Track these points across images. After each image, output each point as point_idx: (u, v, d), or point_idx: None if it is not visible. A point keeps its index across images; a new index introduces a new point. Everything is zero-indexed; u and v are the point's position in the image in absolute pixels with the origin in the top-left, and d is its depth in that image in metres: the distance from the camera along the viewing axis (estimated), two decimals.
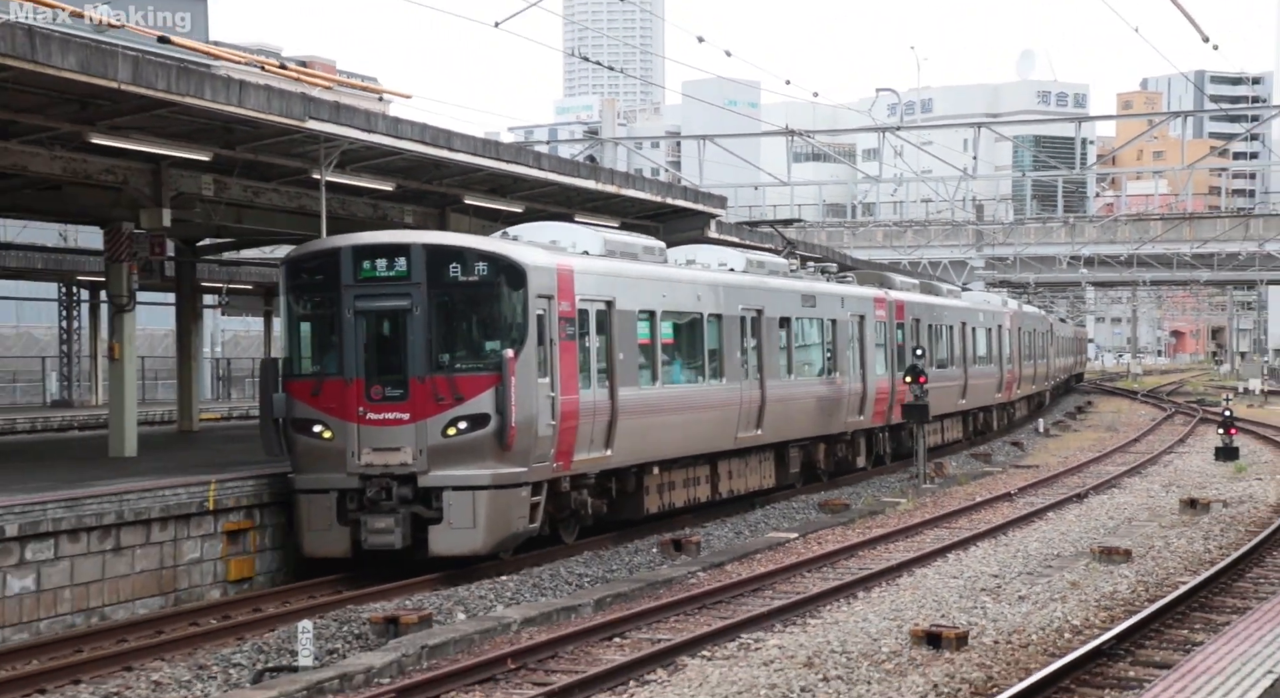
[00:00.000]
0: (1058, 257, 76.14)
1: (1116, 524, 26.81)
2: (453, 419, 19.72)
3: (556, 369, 20.69)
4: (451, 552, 19.89)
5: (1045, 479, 35.63)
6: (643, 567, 22.31)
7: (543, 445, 20.47)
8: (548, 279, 20.67)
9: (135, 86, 18.33)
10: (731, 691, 14.17)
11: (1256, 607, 15.36)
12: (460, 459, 19.81)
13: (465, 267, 20.06)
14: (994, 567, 21.83)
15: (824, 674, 14.88)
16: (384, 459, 19.75)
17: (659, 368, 24.48)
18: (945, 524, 27.37)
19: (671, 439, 24.98)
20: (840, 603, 19.32)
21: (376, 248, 20.30)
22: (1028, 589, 19.91)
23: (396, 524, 19.60)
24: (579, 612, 18.78)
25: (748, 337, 28.03)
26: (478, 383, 19.83)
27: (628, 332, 23.23)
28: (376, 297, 20.16)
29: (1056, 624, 17.49)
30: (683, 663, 15.75)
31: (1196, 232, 76.60)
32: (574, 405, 21.20)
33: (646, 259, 25.62)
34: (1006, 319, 50.30)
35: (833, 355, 32.76)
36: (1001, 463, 41.10)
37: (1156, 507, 29.48)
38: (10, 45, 16.61)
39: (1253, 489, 32.73)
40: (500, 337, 20.18)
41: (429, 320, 19.90)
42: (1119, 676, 15.04)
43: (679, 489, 25.96)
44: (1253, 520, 27.15)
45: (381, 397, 19.83)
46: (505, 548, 20.65)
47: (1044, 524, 27.19)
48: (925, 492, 32.98)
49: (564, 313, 20.94)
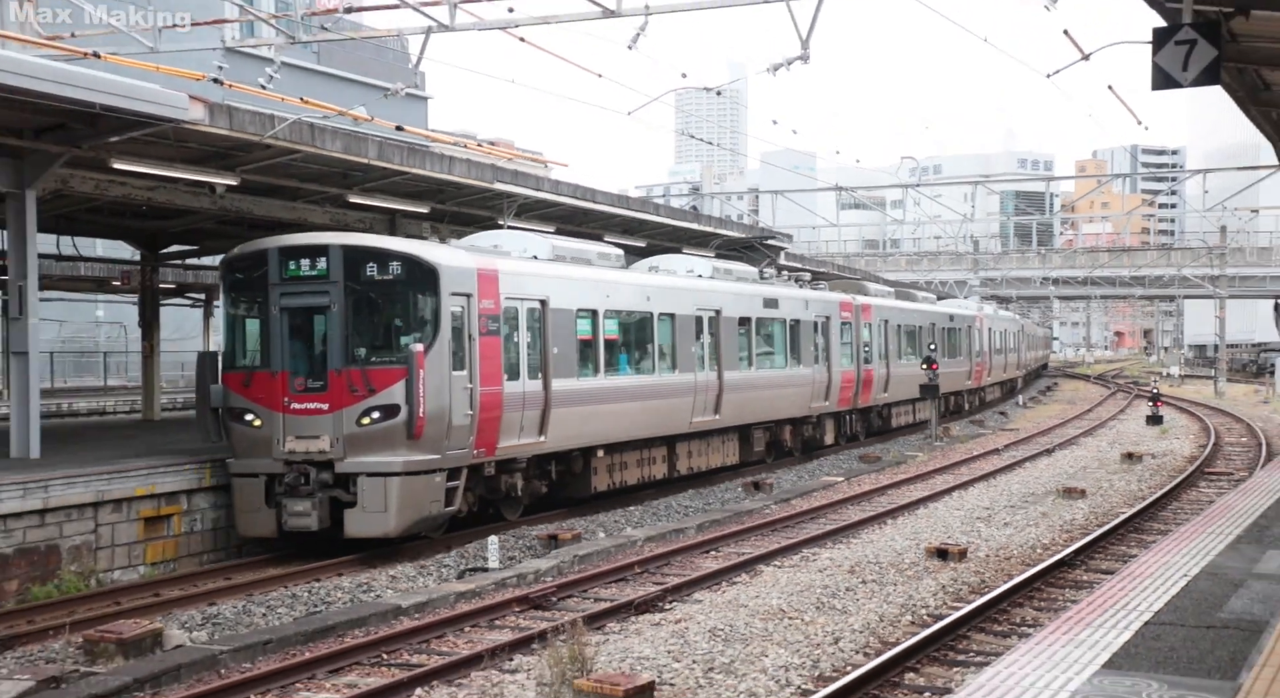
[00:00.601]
0: (1033, 278, 76.04)
1: (1075, 471, 26.28)
2: (366, 409, 16.09)
3: (475, 363, 16.90)
4: (365, 534, 16.22)
5: (1023, 439, 34.97)
6: (731, 501, 22.14)
7: (458, 434, 16.61)
8: (465, 279, 16.91)
9: (380, 162, 18.53)
10: (796, 589, 14.04)
11: (1175, 530, 15.10)
12: (373, 447, 16.10)
13: (381, 266, 16.44)
14: (986, 502, 21.48)
15: (862, 578, 14.73)
16: (305, 446, 16.23)
17: (601, 361, 20.29)
18: (951, 471, 26.92)
19: (618, 425, 20.80)
20: (874, 528, 19.07)
21: (300, 249, 16.73)
22: (1011, 518, 19.57)
23: (313, 508, 16.05)
24: (685, 533, 18.66)
25: (704, 333, 23.70)
26: (389, 376, 16.17)
27: (564, 328, 19.20)
28: (299, 295, 16.60)
29: (1031, 543, 17.24)
30: (759, 570, 15.62)
31: (1133, 260, 76.65)
32: (496, 397, 17.32)
33: (601, 264, 21.60)
34: (977, 320, 47.09)
35: (796, 350, 28.06)
36: (992, 427, 40.41)
37: (1104, 458, 28.91)
38: (299, 135, 16.98)
39: (1173, 446, 32.14)
40: (412, 332, 16.54)
41: (345, 317, 16.35)
42: (1076, 579, 14.87)
43: (632, 469, 21.82)
44: (1173, 468, 26.63)
45: (304, 388, 16.38)
46: (419, 530, 16.81)
47: (1022, 471, 26.69)
48: (936, 448, 32.51)
49: (486, 310, 17.23)
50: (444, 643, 12.21)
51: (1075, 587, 14.38)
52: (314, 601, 13.65)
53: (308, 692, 10.58)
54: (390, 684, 10.40)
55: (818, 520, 20.02)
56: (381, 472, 15.98)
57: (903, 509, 20.71)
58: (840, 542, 17.73)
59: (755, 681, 10.35)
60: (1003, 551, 16.59)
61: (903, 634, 11.99)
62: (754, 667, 10.77)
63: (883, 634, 12.03)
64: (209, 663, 11.06)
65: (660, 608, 13.45)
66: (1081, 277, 75.78)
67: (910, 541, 17.32)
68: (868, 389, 32.52)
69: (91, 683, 10.31)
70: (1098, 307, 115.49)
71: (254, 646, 11.55)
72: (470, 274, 17.02)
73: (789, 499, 22.37)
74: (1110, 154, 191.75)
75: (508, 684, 10.37)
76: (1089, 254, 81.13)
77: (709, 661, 10.96)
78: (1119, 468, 26.74)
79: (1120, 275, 75.31)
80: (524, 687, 10.27)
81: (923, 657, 11.13)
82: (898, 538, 17.67)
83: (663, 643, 11.59)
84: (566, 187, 23.91)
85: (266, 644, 11.66)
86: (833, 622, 12.45)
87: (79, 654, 11.16)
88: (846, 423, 32.18)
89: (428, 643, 12.14)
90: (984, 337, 47.40)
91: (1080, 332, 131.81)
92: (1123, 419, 42.95)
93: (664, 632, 12.12)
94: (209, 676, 10.90)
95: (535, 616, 13.32)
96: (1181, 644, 8.76)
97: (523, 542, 17.26)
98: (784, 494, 22.86)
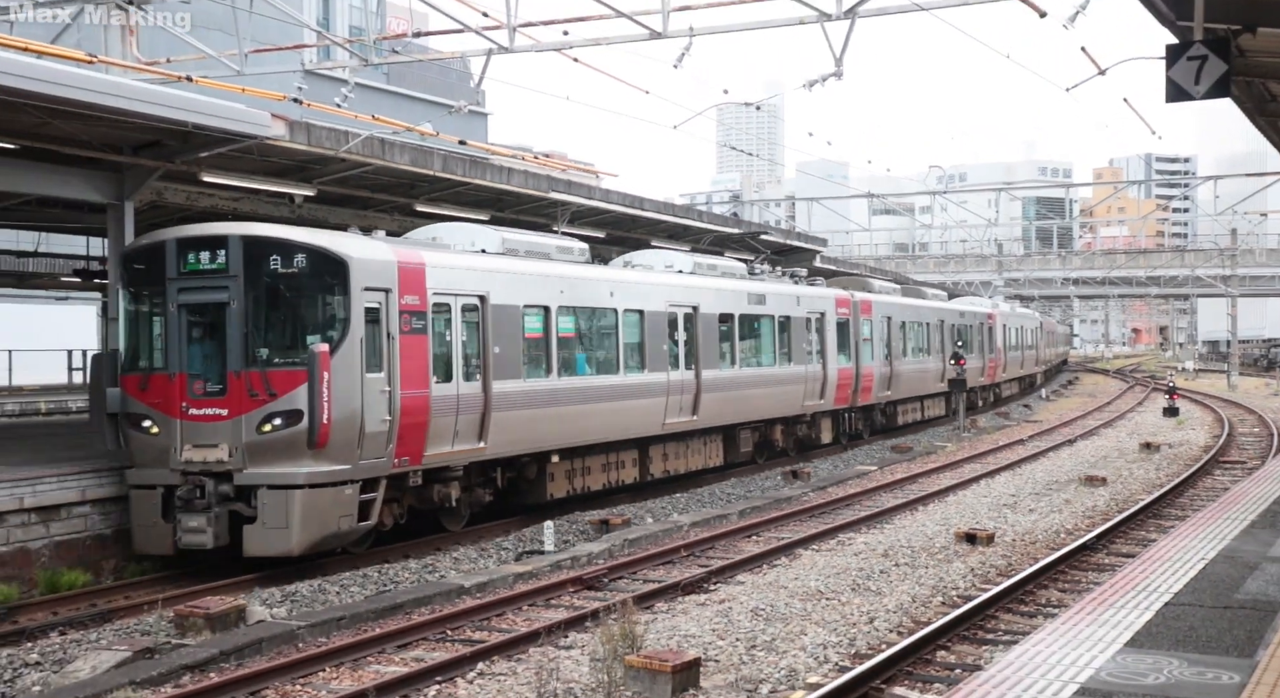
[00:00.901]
0: (1054, 278, 75.29)
1: (1096, 460, 25.87)
2: (267, 415, 13.62)
3: (395, 364, 14.34)
4: (265, 552, 13.63)
5: (1046, 430, 34.48)
6: (771, 489, 21.97)
7: (373, 441, 14.08)
8: (381, 272, 14.35)
9: (444, 173, 18.55)
10: (832, 571, 13.89)
11: (1192, 515, 14.85)
12: (276, 457, 13.60)
13: (284, 259, 13.91)
14: (1012, 489, 21.18)
15: (895, 561, 14.55)
16: (203, 456, 13.74)
17: (554, 361, 17.64)
18: (978, 460, 26.58)
19: (575, 428, 18.19)
20: (906, 514, 18.85)
21: (198, 241, 14.25)
22: (1036, 504, 19.28)
23: (209, 523, 13.57)
24: (728, 518, 18.53)
25: (679, 330, 21.07)
26: (292, 378, 13.60)
27: (509, 326, 16.60)
28: (198, 290, 14.17)
29: (1055, 528, 16.96)
30: (798, 553, 15.47)
31: (1149, 261, 75.73)
32: (421, 400, 14.75)
33: (561, 258, 18.98)
34: (990, 317, 43.49)
35: (786, 347, 25.17)
36: (1016, 419, 39.88)
37: (1123, 448, 28.44)
38: (371, 150, 17.03)
39: (1188, 436, 31.55)
40: (318, 331, 14.02)
41: (245, 314, 13.87)
42: (1098, 562, 14.57)
43: (596, 474, 19.30)
44: (1189, 457, 26.12)
45: (202, 392, 13.92)
46: (329, 547, 14.26)
47: (1046, 460, 26.29)
48: (964, 438, 32.13)
49: (410, 307, 14.66)
50: (504, 621, 12.17)
51: (1098, 570, 14.12)
52: (383, 580, 13.66)
53: (378, 665, 10.57)
54: (454, 659, 10.36)
55: (853, 507, 19.81)
56: (283, 484, 13.53)
57: (933, 496, 20.45)
58: (874, 527, 17.53)
59: (795, 658, 10.23)
60: (1028, 535, 16.33)
61: (934, 614, 11.81)
62: (794, 644, 10.65)
63: (915, 614, 11.85)
64: (288, 637, 11.09)
65: (705, 589, 13.34)
66: (1100, 277, 75.07)
67: (940, 526, 17.10)
68: (868, 387, 29.74)
69: (182, 654, 10.37)
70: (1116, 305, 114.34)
71: (329, 621, 11.58)
72: (388, 267, 14.52)
73: (825, 487, 22.17)
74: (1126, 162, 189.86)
75: (563, 660, 10.31)
76: (1107, 256, 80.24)
77: (751, 639, 10.85)
78: (1138, 457, 26.30)
79: (1137, 276, 74.56)
80: (578, 662, 10.21)
81: (954, 635, 10.95)
82: (928, 523, 17.45)
83: (708, 622, 11.49)
84: (616, 195, 23.88)
85: (340, 620, 11.68)
86: (868, 602, 12.29)
87: (170, 628, 11.23)
88: (845, 422, 29.36)
89: (488, 621, 12.10)
90: (999, 333, 44.96)
91: (1099, 329, 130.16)
92: (1141, 411, 42.29)
93: (709, 611, 12.02)
94: (288, 649, 10.92)
95: (588, 596, 13.26)
96: (1200, 624, 8.57)
97: (576, 526, 17.20)
98: (821, 482, 22.66)
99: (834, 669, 9.92)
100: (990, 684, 7.22)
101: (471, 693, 9.63)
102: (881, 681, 9.53)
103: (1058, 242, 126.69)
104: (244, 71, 20.19)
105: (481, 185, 19.65)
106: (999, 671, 7.51)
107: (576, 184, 22.89)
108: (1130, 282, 76.10)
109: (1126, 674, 7.31)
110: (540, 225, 23.14)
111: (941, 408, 37.73)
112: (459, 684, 9.86)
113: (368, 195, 19.61)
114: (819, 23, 17.19)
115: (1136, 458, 26.12)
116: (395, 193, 19.87)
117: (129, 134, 14.60)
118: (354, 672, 10.36)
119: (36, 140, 14.11)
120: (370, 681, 9.81)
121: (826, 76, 18.21)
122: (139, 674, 9.77)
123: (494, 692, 9.58)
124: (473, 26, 18.90)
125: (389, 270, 14.55)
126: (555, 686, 9.28)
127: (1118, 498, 19.92)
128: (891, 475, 23.84)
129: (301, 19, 22.51)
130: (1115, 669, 7.41)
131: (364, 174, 18.12)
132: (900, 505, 19.32)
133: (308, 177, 17.97)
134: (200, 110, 13.95)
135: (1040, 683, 7.19)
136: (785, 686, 9.49)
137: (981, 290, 62.43)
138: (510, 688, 9.62)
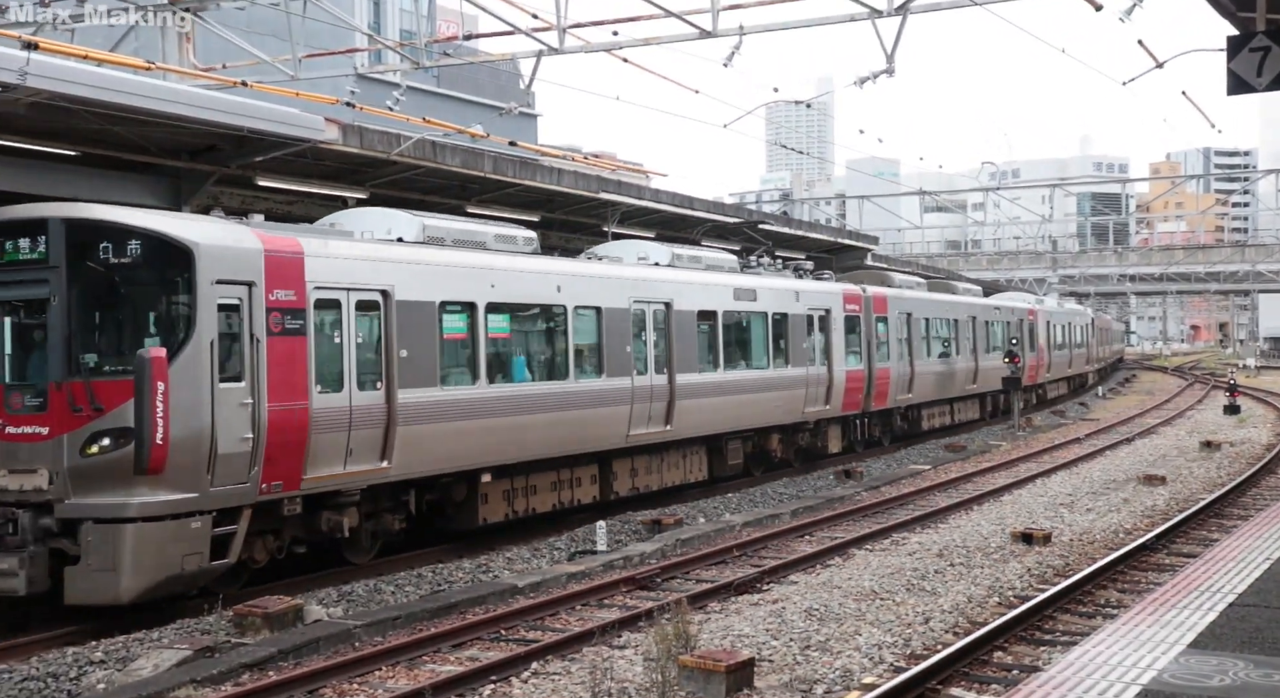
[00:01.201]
0: (1110, 275, 74.32)
1: (1155, 459, 25.49)
2: (93, 434, 11.20)
3: (262, 371, 11.98)
4: (89, 600, 11.24)
5: (1104, 428, 34.02)
6: (823, 488, 21.85)
7: (231, 464, 11.70)
8: (241, 262, 11.94)
9: (495, 175, 18.69)
10: (886, 571, 13.79)
11: (1255, 515, 14.59)
12: (103, 484, 11.19)
13: (116, 247, 11.53)
14: (1069, 488, 20.92)
15: (950, 561, 14.42)
16: (20, 483, 11.33)
17: (482, 365, 15.19)
18: (1034, 459, 26.26)
19: (511, 442, 15.67)
20: (960, 514, 18.67)
21: (14, 225, 11.82)
22: (1093, 504, 19.03)
23: (21, 565, 11.06)
24: (780, 518, 18.44)
25: (647, 330, 18.65)
26: (123, 390, 11.14)
27: (419, 325, 14.13)
28: (15, 285, 11.85)
29: (1113, 528, 16.72)
30: (852, 553, 15.37)
31: (1208, 257, 74.52)
32: (296, 414, 12.33)
33: (500, 248, 16.39)
34: (1032, 315, 40.83)
35: (781, 348, 22.68)
36: (1072, 417, 39.38)
37: (1183, 446, 27.99)
38: (423, 152, 17.20)
39: (1250, 434, 30.98)
40: (159, 332, 11.83)
41: (68, 313, 11.54)
42: (1159, 563, 14.34)
43: (544, 493, 16.79)
44: (1251, 456, 25.64)
45: (21, 406, 11.50)
46: (170, 591, 11.71)
47: (1103, 459, 25.94)
48: (1019, 437, 31.75)
49: (282, 303, 12.27)
50: (557, 620, 12.20)
51: (1158, 570, 13.90)
52: (437, 580, 13.74)
53: (433, 664, 10.64)
54: (509, 658, 10.40)
55: (906, 507, 19.65)
56: (112, 517, 11.16)
57: (988, 496, 20.24)
58: (928, 527, 17.38)
59: (850, 658, 10.17)
60: (1086, 535, 16.12)
61: (990, 615, 11.69)
62: (848, 645, 10.59)
63: (971, 615, 11.74)
64: (344, 636, 11.19)
65: (758, 589, 13.30)
66: (1157, 273, 73.98)
67: (996, 525, 16.92)
68: (883, 390, 27.15)
69: (241, 653, 10.50)
70: (1173, 302, 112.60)
71: (384, 621, 11.66)
72: (252, 256, 12.17)
73: (878, 486, 22.01)
74: (1184, 156, 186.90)
75: (617, 659, 10.31)
76: (1165, 252, 78.96)
77: (805, 639, 10.79)
78: (1198, 456, 25.87)
79: (1195, 271, 73.37)
80: (632, 662, 10.21)
81: (1010, 636, 10.84)
82: (983, 523, 17.27)
83: (761, 622, 11.46)
84: (666, 195, 23.92)
85: (396, 620, 11.76)
86: (923, 603, 12.19)
87: (229, 627, 11.37)
88: (856, 429, 26.66)
89: (542, 620, 12.14)
90: (1041, 331, 42.10)
91: (1156, 326, 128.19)
92: (1200, 409, 41.60)
93: (762, 611, 11.98)
94: (345, 648, 11.02)
95: (641, 595, 13.25)
96: (1266, 625, 8.41)
97: (628, 526, 17.20)
98: (873, 482, 22.50)
99: (889, 670, 9.84)
100: (1051, 685, 7.14)
101: (526, 693, 9.67)
102: (938, 681, 9.46)
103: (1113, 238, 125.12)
104: (297, 76, 20.41)
105: (532, 186, 19.76)
106: (1059, 671, 7.42)
107: (626, 184, 22.96)
108: (1189, 278, 74.93)
109: (1191, 676, 7.20)
110: (589, 226, 23.19)
111: (976, 411, 35.62)
112: (514, 684, 9.90)
113: (419, 198, 19.77)
114: (870, 19, 17.09)
115: (1197, 457, 25.70)
116: (447, 194, 20.01)
117: (186, 139, 14.82)
118: (410, 671, 10.44)
119: (96, 146, 14.36)
120: (426, 680, 9.88)
121: (878, 73, 18.09)
122: (200, 673, 9.90)
123: (548, 691, 9.61)
124: (523, 28, 18.99)
125: (251, 260, 12.16)
126: (609, 685, 9.28)
127: (1178, 497, 19.61)
128: (945, 475, 23.61)
129: (353, 23, 22.71)
130: (1179, 671, 7.30)
131: (415, 176, 18.28)
132: (954, 505, 19.13)
133: (360, 179, 18.14)
134: (255, 115, 14.13)
135: (1101, 684, 7.10)
136: (840, 686, 9.44)
137: (1036, 288, 61.70)
138: (565, 688, 9.65)
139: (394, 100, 20.45)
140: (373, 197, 18.65)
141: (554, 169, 20.81)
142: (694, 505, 19.21)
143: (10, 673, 10.12)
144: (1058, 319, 46.54)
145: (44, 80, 11.74)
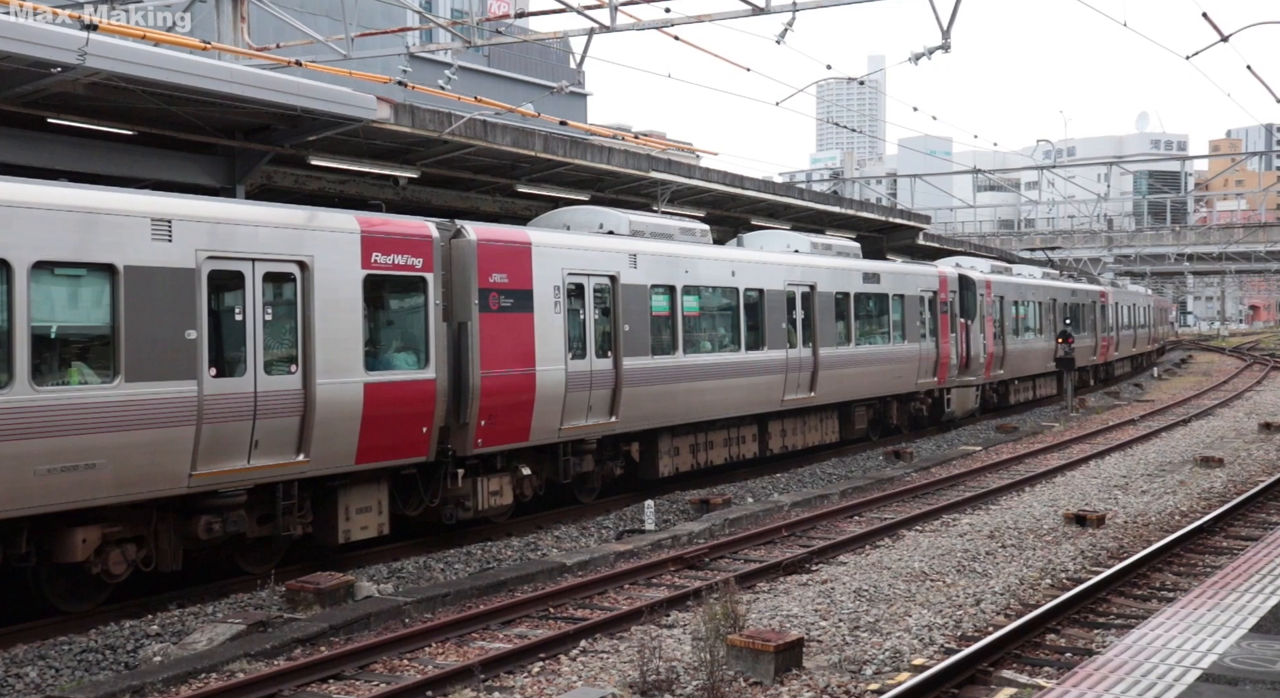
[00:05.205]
0: (1167, 255, 72.94)
1: (1212, 440, 25.02)
2: None
3: None
4: None
5: (1159, 409, 33.47)
6: (872, 469, 21.68)
7: None
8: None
9: (545, 154, 18.59)
10: (937, 553, 13.64)
11: None
12: None
13: None
14: (1123, 470, 20.59)
15: (1002, 543, 14.24)
16: None
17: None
18: (1087, 441, 25.90)
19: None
20: (1012, 495, 18.44)
21: None
22: (1148, 486, 18.72)
23: None
24: (829, 499, 18.33)
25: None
26: None
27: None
28: None
29: (1169, 510, 16.43)
30: (901, 534, 15.23)
31: (1268, 236, 72.85)
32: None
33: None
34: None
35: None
36: (1127, 398, 38.80)
37: (1241, 428, 27.46)
38: (473, 132, 17.13)
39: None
40: None
41: None
42: (1216, 546, 14.07)
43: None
44: None
45: None
46: None
47: (1159, 441, 25.51)
48: (1072, 418, 31.34)
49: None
50: (605, 599, 12.19)
51: (1216, 553, 13.64)
52: (486, 558, 13.78)
53: (482, 641, 10.66)
54: (557, 635, 10.40)
55: (957, 488, 19.45)
56: None
57: (1040, 477, 19.98)
58: (979, 508, 17.18)
59: (900, 639, 10.06)
60: (1140, 517, 15.85)
61: (1043, 597, 11.52)
62: (898, 626, 10.48)
63: (1023, 597, 11.58)
64: (395, 612, 11.25)
65: (807, 569, 13.21)
66: (1216, 252, 72.49)
67: (1048, 507, 16.69)
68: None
69: (294, 628, 10.58)
70: (1232, 281, 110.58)
71: (434, 598, 11.71)
72: None
73: (928, 467, 21.80)
74: (1245, 133, 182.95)
75: (665, 638, 10.28)
76: (1224, 231, 77.36)
77: (854, 619, 10.70)
78: (1256, 438, 25.37)
79: (1256, 251, 71.74)
80: (680, 641, 10.17)
81: (1063, 619, 10.68)
82: (1035, 505, 17.04)
83: (810, 602, 11.37)
84: (716, 174, 23.68)
85: (445, 597, 11.81)
86: (974, 584, 12.04)
87: (282, 602, 11.47)
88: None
89: (590, 599, 12.13)
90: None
91: (1214, 305, 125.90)
92: (1259, 390, 40.80)
93: (811, 592, 11.89)
94: (395, 624, 11.08)
95: (689, 575, 13.21)
96: None
97: (676, 506, 17.16)
98: (923, 462, 22.29)
99: (939, 651, 9.73)
100: (1108, 669, 7.00)
101: (575, 670, 9.66)
102: (989, 663, 9.33)
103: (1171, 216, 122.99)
104: (350, 55, 20.45)
105: (582, 165, 19.65)
106: (1116, 654, 7.28)
107: (676, 163, 22.76)
108: (1249, 257, 73.34)
109: (1253, 660, 7.03)
110: (639, 205, 23.06)
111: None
112: (562, 661, 9.89)
113: (470, 177, 19.75)
114: None
115: (1255, 438, 25.21)
116: (497, 174, 19.97)
117: (241, 119, 14.86)
118: (459, 647, 10.47)
119: (154, 126, 14.44)
120: (475, 656, 9.90)
121: (933, 49, 17.81)
122: (253, 647, 10.00)
123: (597, 669, 9.60)
124: (574, 5, 18.87)
125: None
126: (657, 663, 9.25)
127: (1236, 479, 19.24)
128: (996, 456, 23.35)
129: (405, 2, 22.70)
130: (1240, 655, 7.13)
131: (466, 155, 18.23)
132: (1006, 486, 18.90)
133: (411, 159, 18.14)
134: (309, 95, 14.13)
135: (1160, 668, 6.95)
136: (890, 667, 9.34)
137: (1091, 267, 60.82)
138: (613, 665, 9.63)
139: (446, 79, 20.44)
140: (423, 176, 18.67)
141: (604, 148, 20.70)
142: (742, 486, 19.14)
143: (70, 644, 10.29)
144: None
145: (103, 60, 11.80)
